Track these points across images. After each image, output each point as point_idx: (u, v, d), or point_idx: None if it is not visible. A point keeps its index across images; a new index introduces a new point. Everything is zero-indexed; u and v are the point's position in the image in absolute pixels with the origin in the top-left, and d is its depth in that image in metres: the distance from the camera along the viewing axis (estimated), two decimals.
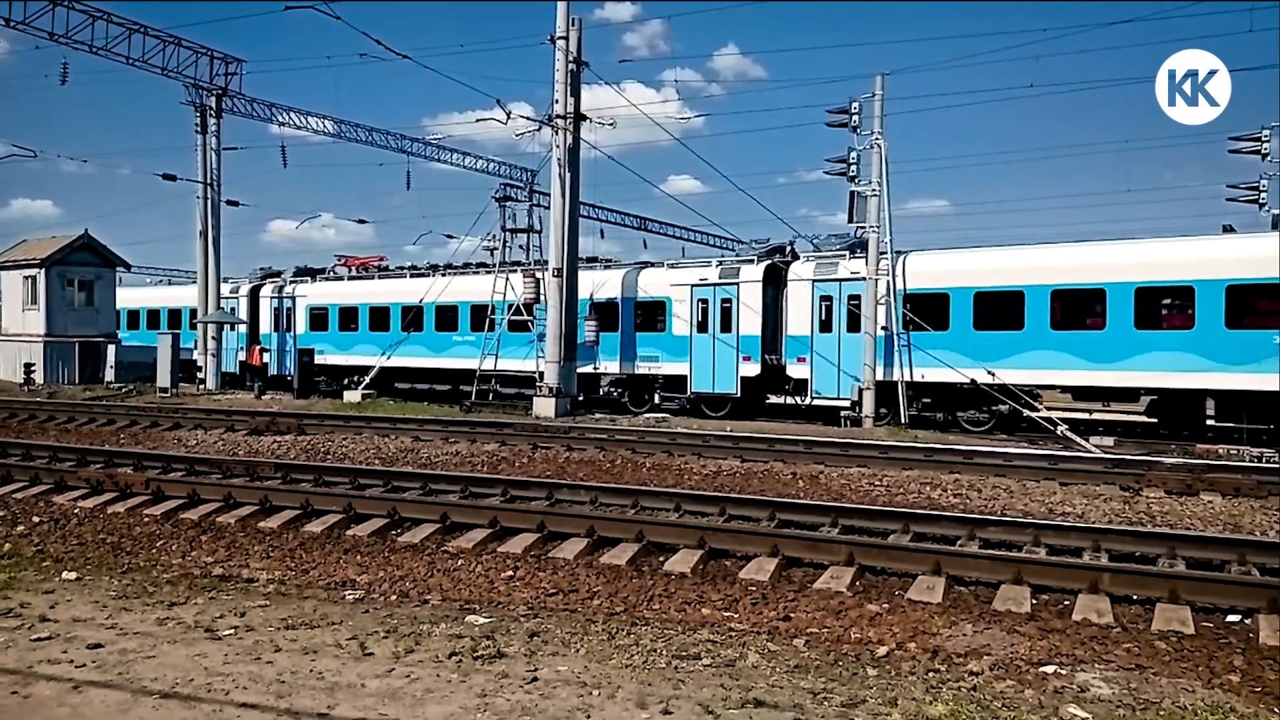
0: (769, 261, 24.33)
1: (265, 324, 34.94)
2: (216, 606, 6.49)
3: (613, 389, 26.58)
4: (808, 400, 23.20)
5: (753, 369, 23.55)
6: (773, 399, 25.63)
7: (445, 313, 29.27)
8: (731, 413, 23.69)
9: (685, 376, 24.55)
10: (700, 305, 24.55)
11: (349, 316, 32.12)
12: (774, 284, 24.00)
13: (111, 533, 9.23)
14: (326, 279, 34.82)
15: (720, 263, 25.42)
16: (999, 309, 20.71)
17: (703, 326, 24.45)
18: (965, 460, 13.87)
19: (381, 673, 5.10)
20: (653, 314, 25.59)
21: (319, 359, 31.55)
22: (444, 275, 29.76)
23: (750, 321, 23.76)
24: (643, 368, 25.42)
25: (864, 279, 21.79)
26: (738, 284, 24.03)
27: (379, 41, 30.46)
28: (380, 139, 36.42)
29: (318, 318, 33.02)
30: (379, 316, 31.20)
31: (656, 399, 25.49)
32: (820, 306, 22.90)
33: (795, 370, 23.19)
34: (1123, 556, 7.85)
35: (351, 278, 34.11)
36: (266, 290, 35.22)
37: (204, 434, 18.05)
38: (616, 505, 9.92)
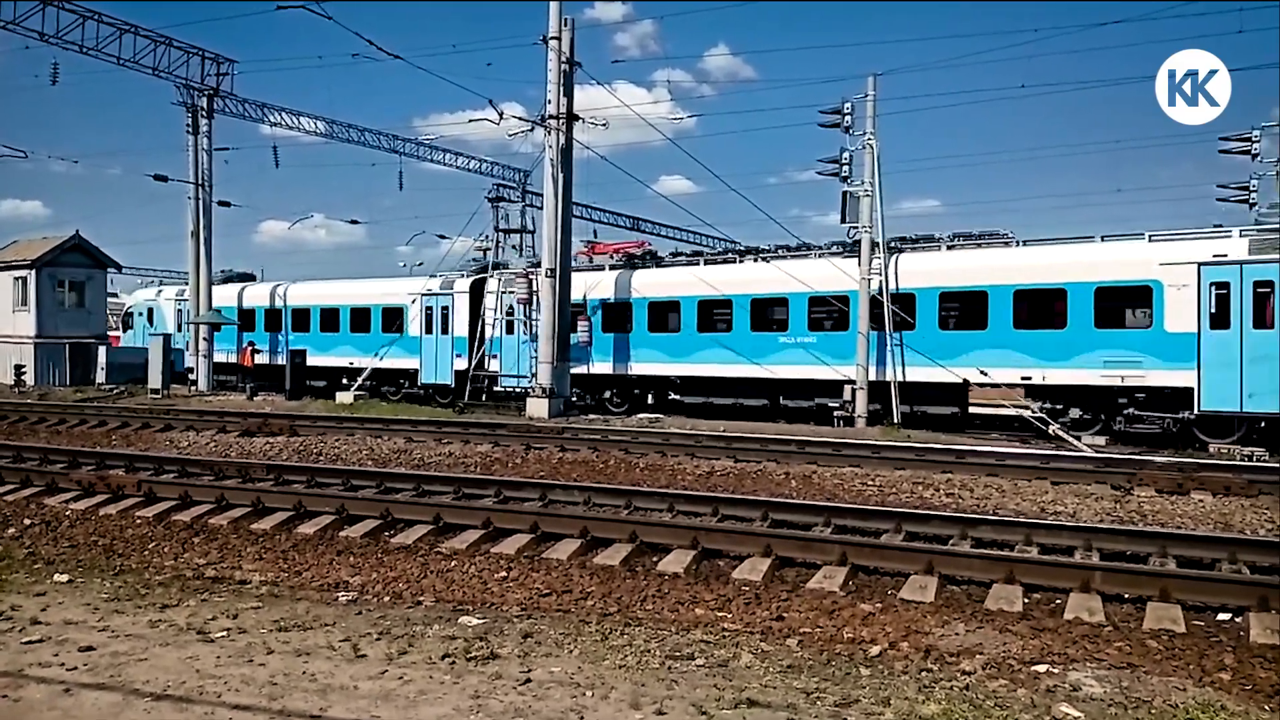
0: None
1: (490, 325, 28.05)
2: (209, 608, 6.47)
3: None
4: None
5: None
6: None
7: (768, 308, 23.73)
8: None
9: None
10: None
11: (622, 313, 25.95)
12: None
13: (103, 535, 9.20)
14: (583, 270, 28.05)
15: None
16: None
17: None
18: (957, 460, 13.90)
19: (375, 674, 5.10)
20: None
21: (644, 368, 25.19)
22: (759, 260, 24.45)
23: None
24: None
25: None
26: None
27: (371, 42, 30.31)
28: (372, 139, 36.37)
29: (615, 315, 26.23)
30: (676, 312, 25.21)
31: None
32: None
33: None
34: (1114, 555, 7.88)
35: (615, 266, 27.23)
36: (494, 285, 28.53)
37: (196, 435, 18.00)
38: (610, 506, 9.92)
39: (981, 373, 20.21)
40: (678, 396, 25.07)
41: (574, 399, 25.78)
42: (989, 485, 12.12)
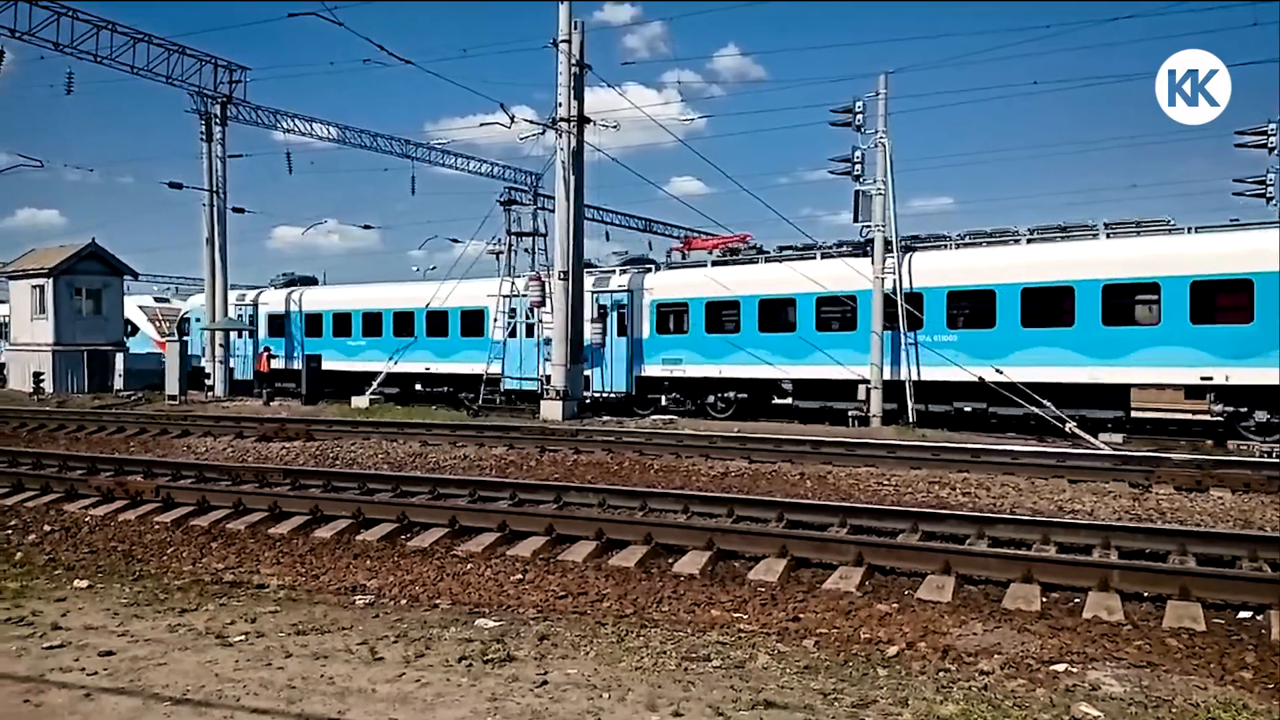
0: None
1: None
2: (227, 613, 6.51)
3: None
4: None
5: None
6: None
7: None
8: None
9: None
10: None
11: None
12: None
13: (122, 540, 9.26)
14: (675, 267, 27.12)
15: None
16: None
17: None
18: (973, 459, 13.83)
19: (392, 677, 5.11)
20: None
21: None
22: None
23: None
24: None
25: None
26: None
27: (382, 47, 30.65)
28: (384, 144, 36.55)
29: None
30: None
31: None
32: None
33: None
34: (1133, 553, 7.83)
35: (718, 262, 25.68)
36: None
37: (213, 441, 18.09)
38: (625, 507, 9.93)
39: (1148, 372, 18.92)
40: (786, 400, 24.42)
41: (674, 402, 25.10)
42: (1006, 484, 12.06)
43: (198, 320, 35.52)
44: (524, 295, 27.29)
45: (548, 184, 29.49)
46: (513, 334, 27.98)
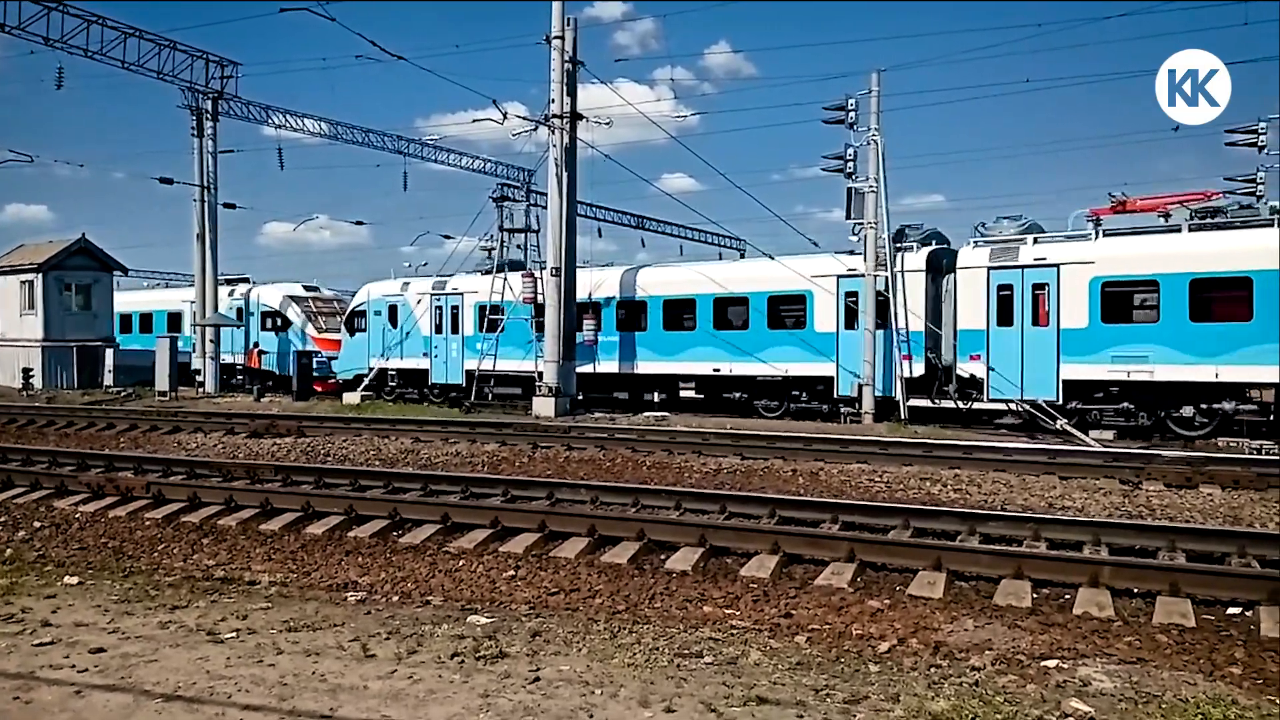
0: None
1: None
2: (218, 609, 6.49)
3: None
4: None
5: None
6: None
7: None
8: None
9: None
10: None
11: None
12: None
13: (113, 537, 9.23)
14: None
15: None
16: None
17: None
18: (965, 455, 13.88)
19: (384, 674, 5.11)
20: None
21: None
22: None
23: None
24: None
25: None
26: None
27: (374, 43, 30.45)
28: (376, 140, 36.37)
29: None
30: None
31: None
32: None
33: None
34: (1123, 550, 7.87)
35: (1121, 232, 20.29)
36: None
37: (204, 437, 18.04)
38: (617, 504, 9.92)
39: None
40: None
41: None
42: (997, 481, 12.10)
43: (378, 314, 29.96)
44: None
45: (540, 180, 29.31)
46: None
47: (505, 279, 27.06)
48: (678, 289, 25.31)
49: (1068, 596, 6.81)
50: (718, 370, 24.04)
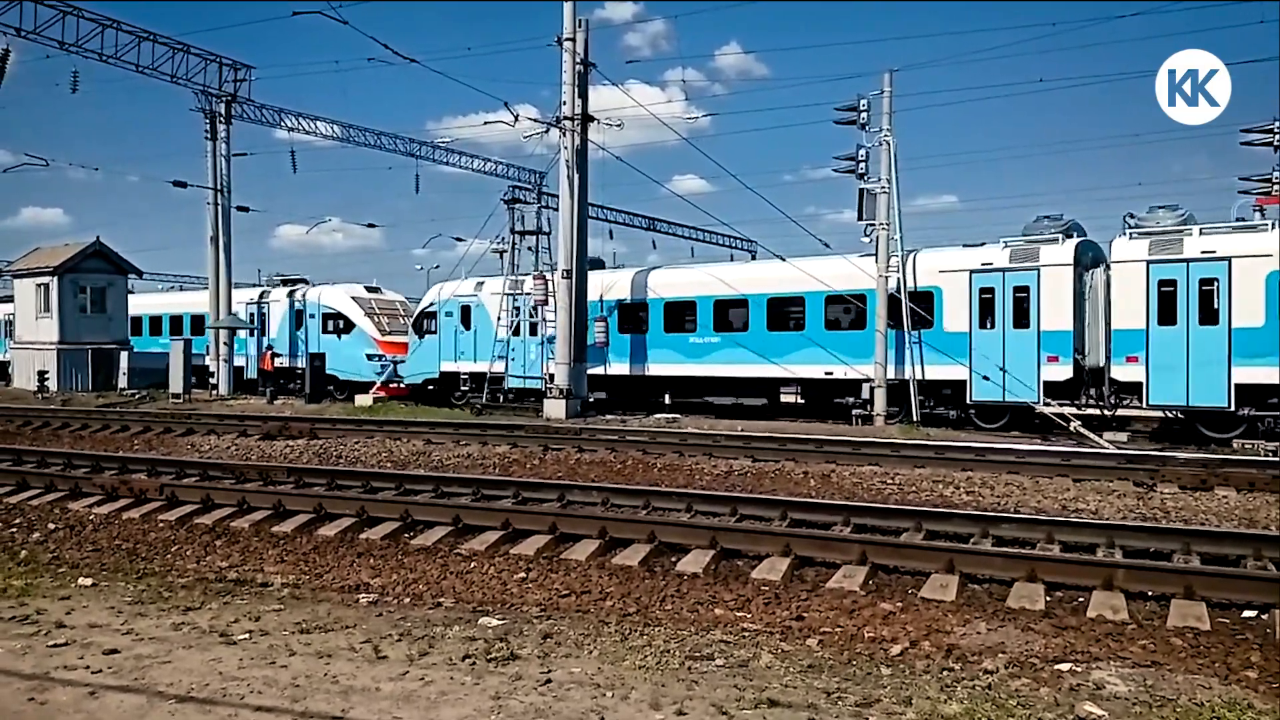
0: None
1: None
2: (231, 611, 6.52)
3: None
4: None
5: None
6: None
7: None
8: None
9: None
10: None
11: None
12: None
13: (126, 538, 9.28)
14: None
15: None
16: None
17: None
18: (978, 457, 13.81)
19: (396, 675, 5.11)
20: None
21: None
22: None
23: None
24: None
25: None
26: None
27: (386, 45, 30.79)
28: (388, 142, 36.50)
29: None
30: None
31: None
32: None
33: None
34: (1137, 553, 7.81)
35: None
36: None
37: (217, 439, 18.12)
38: (628, 506, 9.92)
39: None
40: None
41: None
42: (1010, 483, 12.04)
43: (449, 315, 28.74)
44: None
45: (551, 182, 29.35)
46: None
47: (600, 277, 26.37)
48: (780, 288, 23.65)
49: (1081, 599, 6.77)
50: (830, 373, 22.44)
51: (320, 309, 33.22)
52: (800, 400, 24.58)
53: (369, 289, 34.20)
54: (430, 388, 29.19)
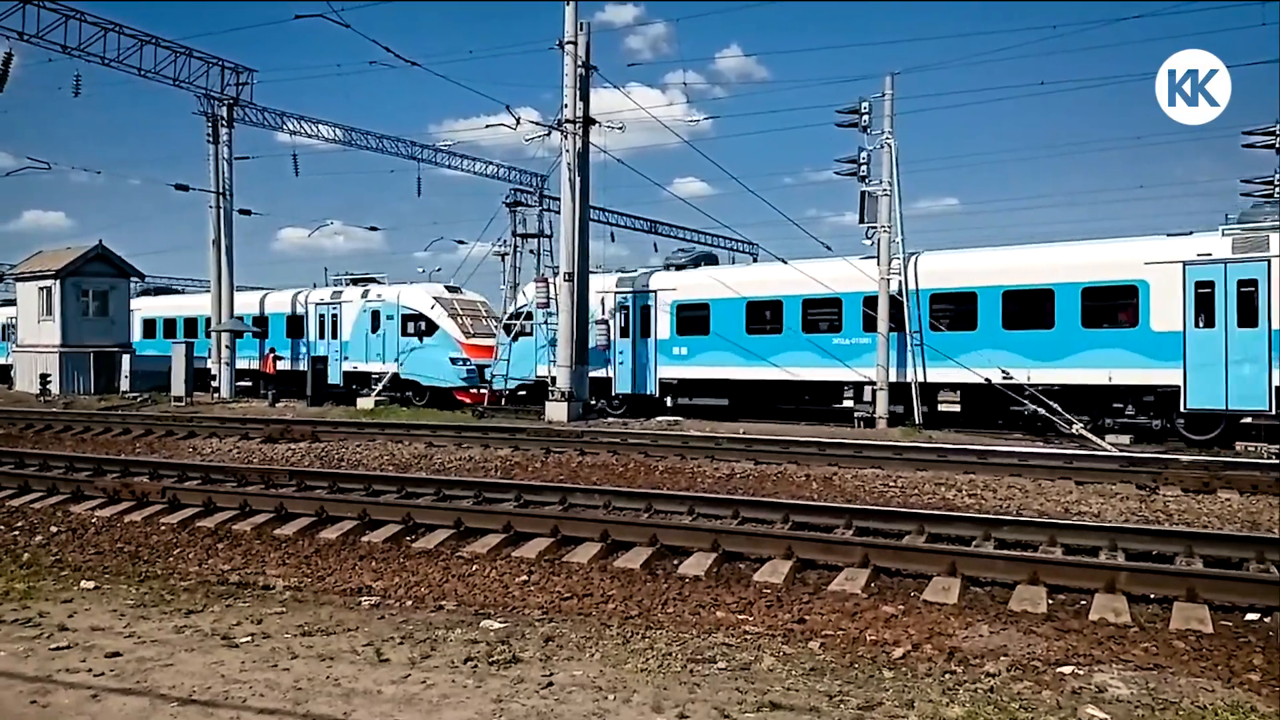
0: None
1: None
2: (233, 614, 6.52)
3: None
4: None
5: None
6: None
7: None
8: None
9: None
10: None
11: None
12: None
13: (128, 541, 9.28)
14: None
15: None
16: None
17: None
18: (980, 460, 13.80)
19: (397, 678, 5.11)
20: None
21: None
22: None
23: None
24: None
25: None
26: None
27: (388, 49, 30.76)
28: (390, 145, 36.57)
29: None
30: None
31: None
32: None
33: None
34: (1140, 555, 7.80)
35: None
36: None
37: (219, 442, 18.13)
38: (630, 509, 9.93)
39: None
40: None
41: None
42: (1012, 486, 12.03)
43: (546, 313, 26.60)
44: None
45: (553, 185, 29.28)
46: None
47: (710, 273, 24.85)
48: (950, 282, 21.34)
49: (1084, 602, 6.76)
50: (1009, 377, 20.00)
51: (400, 310, 30.71)
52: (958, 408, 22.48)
53: (449, 288, 31.91)
54: (521, 393, 27.54)
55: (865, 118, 22.14)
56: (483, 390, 27.50)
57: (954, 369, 20.59)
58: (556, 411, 23.36)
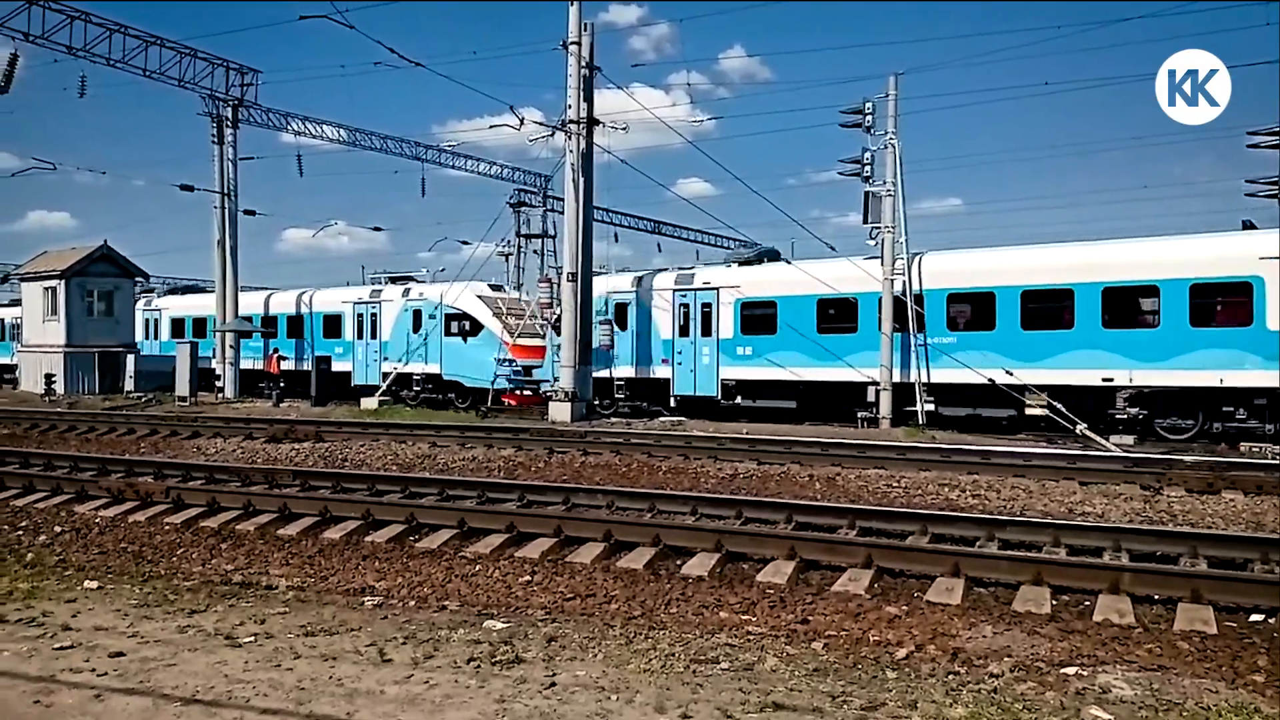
0: None
1: None
2: (236, 614, 6.52)
3: None
4: None
5: None
6: None
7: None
8: None
9: None
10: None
11: None
12: None
13: (132, 541, 9.30)
14: None
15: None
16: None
17: None
18: (983, 460, 13.78)
19: (400, 679, 5.11)
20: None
21: None
22: None
23: None
24: None
25: None
26: None
27: (392, 49, 30.85)
28: (394, 146, 36.67)
29: None
30: None
31: None
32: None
33: None
34: (1144, 556, 7.79)
35: None
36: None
37: (223, 442, 18.15)
38: (633, 509, 9.93)
39: None
40: None
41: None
42: (1016, 486, 12.01)
43: (599, 314, 25.60)
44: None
45: (557, 186, 29.26)
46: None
47: (775, 269, 24.08)
48: (1041, 278, 20.14)
49: (1088, 603, 6.75)
50: (1109, 380, 18.94)
51: (443, 309, 29.50)
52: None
53: (493, 287, 31.23)
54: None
55: (869, 118, 22.10)
56: (526, 392, 26.71)
57: (1044, 370, 19.51)
58: (560, 412, 23.36)
